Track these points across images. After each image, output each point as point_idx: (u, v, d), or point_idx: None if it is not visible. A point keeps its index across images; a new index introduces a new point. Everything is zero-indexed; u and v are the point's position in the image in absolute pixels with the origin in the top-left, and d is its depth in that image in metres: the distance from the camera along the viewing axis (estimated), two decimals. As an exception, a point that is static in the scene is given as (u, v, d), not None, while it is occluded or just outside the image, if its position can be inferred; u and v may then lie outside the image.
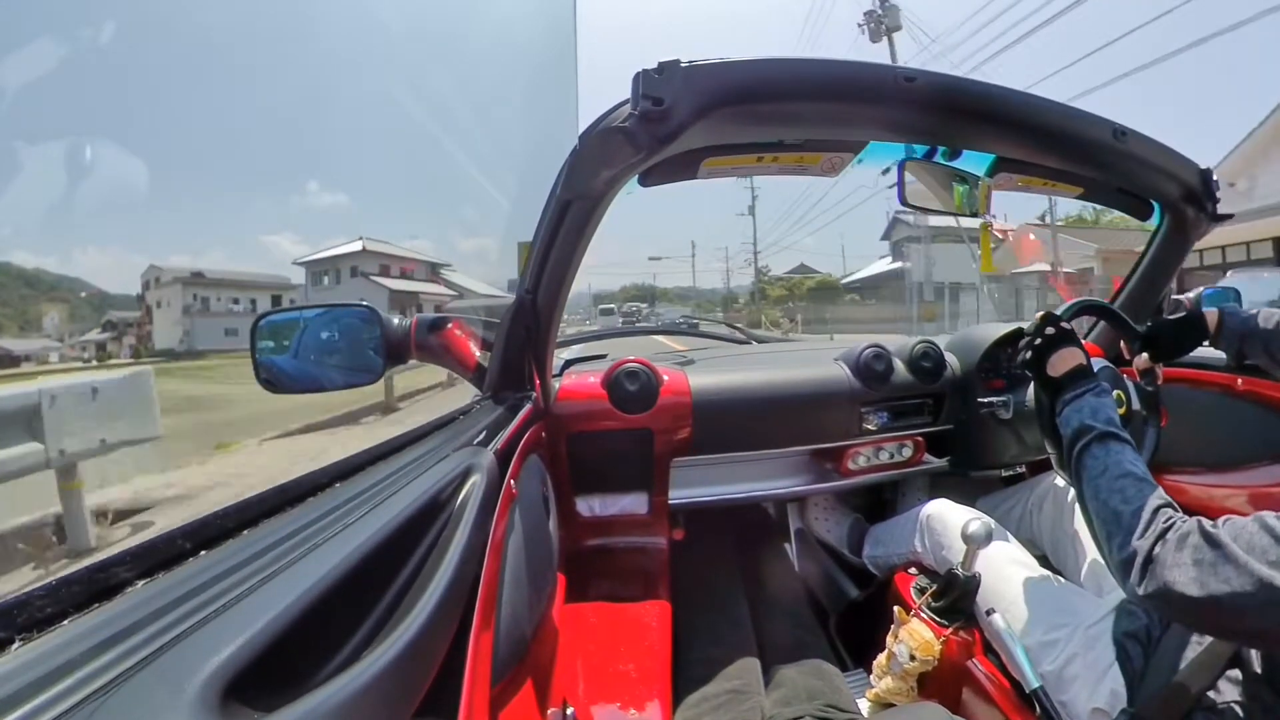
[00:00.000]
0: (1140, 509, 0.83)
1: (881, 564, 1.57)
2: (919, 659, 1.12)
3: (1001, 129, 1.11)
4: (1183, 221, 1.40)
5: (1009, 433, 1.50)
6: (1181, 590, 0.72)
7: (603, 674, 1.06)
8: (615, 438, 1.42)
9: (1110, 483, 0.87)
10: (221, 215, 48.96)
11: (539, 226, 1.11)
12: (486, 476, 0.70)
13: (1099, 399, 0.96)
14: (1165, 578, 0.74)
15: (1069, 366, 1.02)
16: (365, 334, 0.98)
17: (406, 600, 0.48)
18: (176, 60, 51.80)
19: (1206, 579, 0.71)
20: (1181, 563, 0.74)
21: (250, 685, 0.31)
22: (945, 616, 1.15)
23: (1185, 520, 0.79)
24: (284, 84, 73.27)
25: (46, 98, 31.01)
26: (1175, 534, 0.77)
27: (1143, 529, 0.80)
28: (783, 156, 1.09)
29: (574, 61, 16.08)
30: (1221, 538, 0.72)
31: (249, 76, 67.80)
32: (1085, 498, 0.90)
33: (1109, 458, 0.89)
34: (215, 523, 0.45)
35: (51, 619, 0.31)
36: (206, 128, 51.24)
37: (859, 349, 1.57)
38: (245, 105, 63.32)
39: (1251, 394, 1.39)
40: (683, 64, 0.85)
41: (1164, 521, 0.80)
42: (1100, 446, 0.91)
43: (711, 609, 1.36)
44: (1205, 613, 0.72)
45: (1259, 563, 0.68)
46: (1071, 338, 1.06)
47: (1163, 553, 0.76)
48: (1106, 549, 0.86)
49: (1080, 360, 1.02)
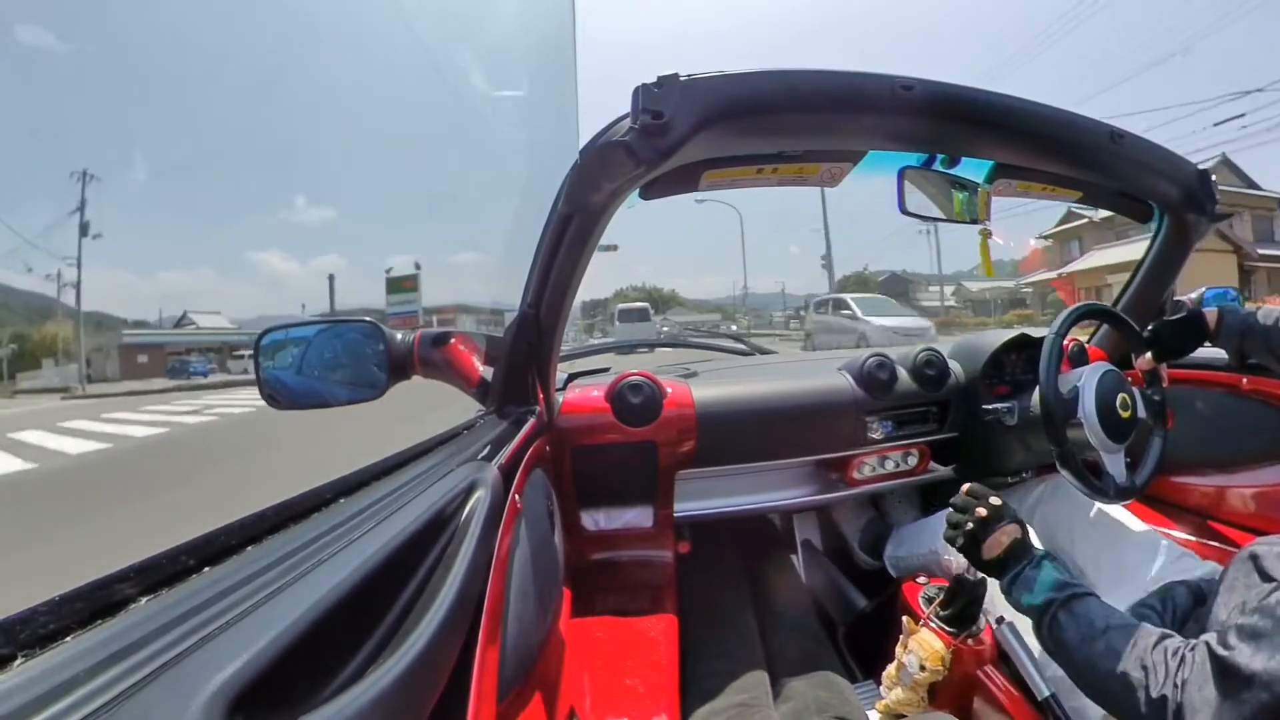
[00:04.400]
0: (1141, 659, 0.76)
1: (901, 566, 1.56)
2: (929, 669, 1.11)
3: (999, 135, 1.11)
4: (1182, 223, 1.40)
5: (1014, 439, 1.50)
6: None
7: (610, 688, 1.05)
8: (619, 451, 1.41)
9: (1095, 645, 0.81)
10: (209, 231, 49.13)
11: (540, 241, 1.12)
12: (491, 491, 0.69)
13: (1037, 570, 0.92)
14: None
15: (1004, 546, 0.97)
16: (369, 349, 0.98)
17: (412, 616, 0.47)
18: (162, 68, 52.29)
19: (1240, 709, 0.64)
20: (1209, 699, 0.67)
21: (255, 702, 0.30)
22: (954, 625, 1.14)
23: (1190, 647, 0.73)
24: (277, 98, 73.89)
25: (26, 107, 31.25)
26: (1190, 668, 0.70)
27: (1158, 679, 0.73)
28: (782, 168, 1.09)
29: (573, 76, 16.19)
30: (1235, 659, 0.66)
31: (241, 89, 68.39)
32: (1081, 673, 0.84)
33: (1079, 621, 0.84)
34: (219, 539, 0.45)
35: (55, 635, 0.31)
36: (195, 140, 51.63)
37: (862, 358, 1.57)
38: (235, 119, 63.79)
39: (1257, 393, 1.38)
40: (681, 78, 0.86)
41: (1173, 657, 0.73)
42: (1066, 614, 0.86)
43: (718, 622, 1.35)
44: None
45: None
46: (1005, 514, 1.00)
47: (1189, 697, 0.69)
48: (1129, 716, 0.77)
49: (1015, 536, 0.97)
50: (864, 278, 46.00)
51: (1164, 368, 1.32)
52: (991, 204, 1.20)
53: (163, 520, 3.72)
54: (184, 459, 7.23)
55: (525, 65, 14.41)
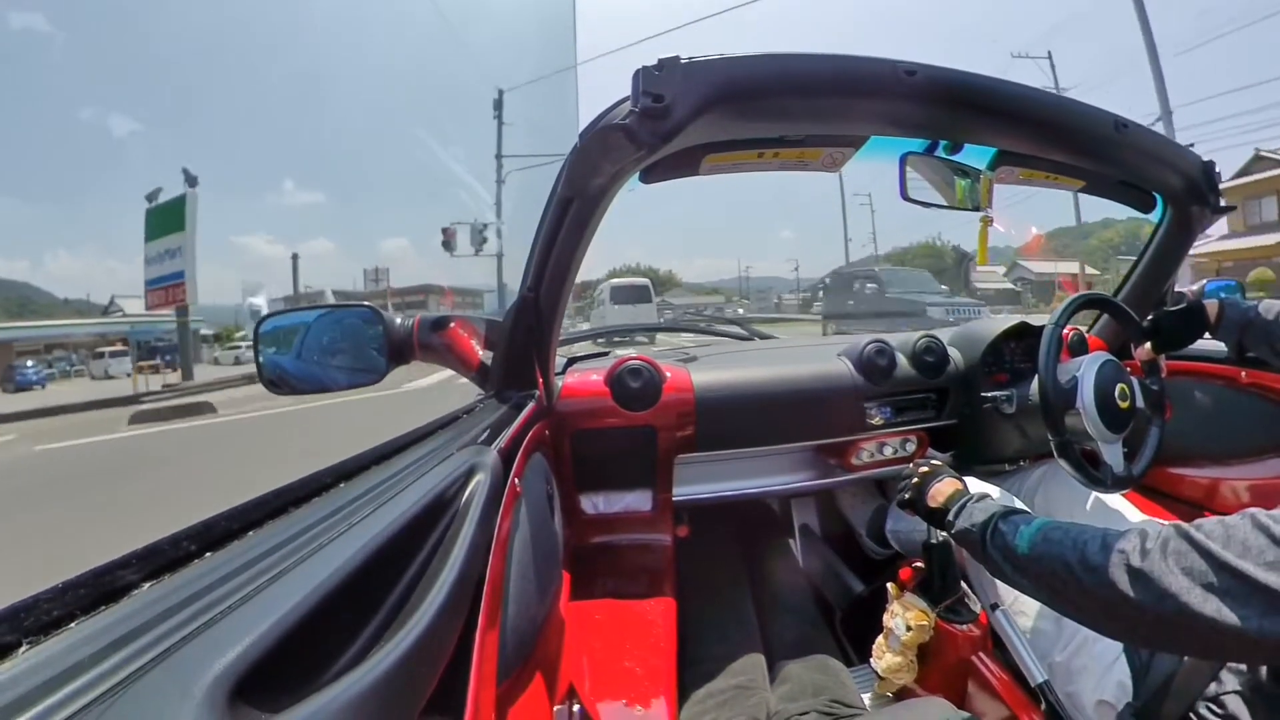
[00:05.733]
0: (1082, 536, 0.75)
1: (903, 539, 1.58)
2: (914, 628, 1.12)
3: (1003, 122, 1.10)
4: (1185, 214, 1.39)
5: (1012, 427, 1.50)
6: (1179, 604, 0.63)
7: (609, 670, 1.06)
8: (619, 435, 1.42)
9: (1038, 537, 0.80)
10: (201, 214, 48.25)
11: (540, 225, 1.11)
12: (490, 475, 0.70)
13: (980, 503, 0.96)
14: (1162, 583, 0.64)
15: (945, 495, 1.03)
16: (368, 334, 0.98)
17: (412, 599, 0.48)
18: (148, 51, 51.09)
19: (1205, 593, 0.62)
20: (1170, 570, 0.64)
21: (258, 685, 0.31)
22: (935, 594, 1.15)
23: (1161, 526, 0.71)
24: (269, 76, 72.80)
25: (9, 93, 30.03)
26: (1154, 540, 0.68)
27: (1109, 543, 0.71)
28: (784, 152, 1.09)
29: (573, 59, 16.06)
30: (1209, 544, 0.63)
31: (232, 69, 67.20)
32: (1021, 569, 0.82)
33: (1019, 526, 0.84)
34: (220, 524, 0.45)
35: (58, 622, 0.31)
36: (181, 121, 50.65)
37: (862, 344, 1.57)
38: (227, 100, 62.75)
39: (1255, 386, 1.38)
40: (683, 60, 0.85)
41: (1136, 535, 0.70)
42: (1006, 523, 0.86)
43: (716, 605, 1.37)
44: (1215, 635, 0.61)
45: (1255, 565, 0.60)
46: (944, 471, 1.10)
47: (1148, 563, 0.66)
48: (1068, 591, 0.75)
49: (956, 487, 1.04)
50: (934, 249, 40.12)
51: (1163, 359, 1.32)
52: (994, 191, 1.19)
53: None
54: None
55: (525, 48, 14.26)
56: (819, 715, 1.05)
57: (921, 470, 1.11)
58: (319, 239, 71.63)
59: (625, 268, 65.16)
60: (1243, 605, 0.59)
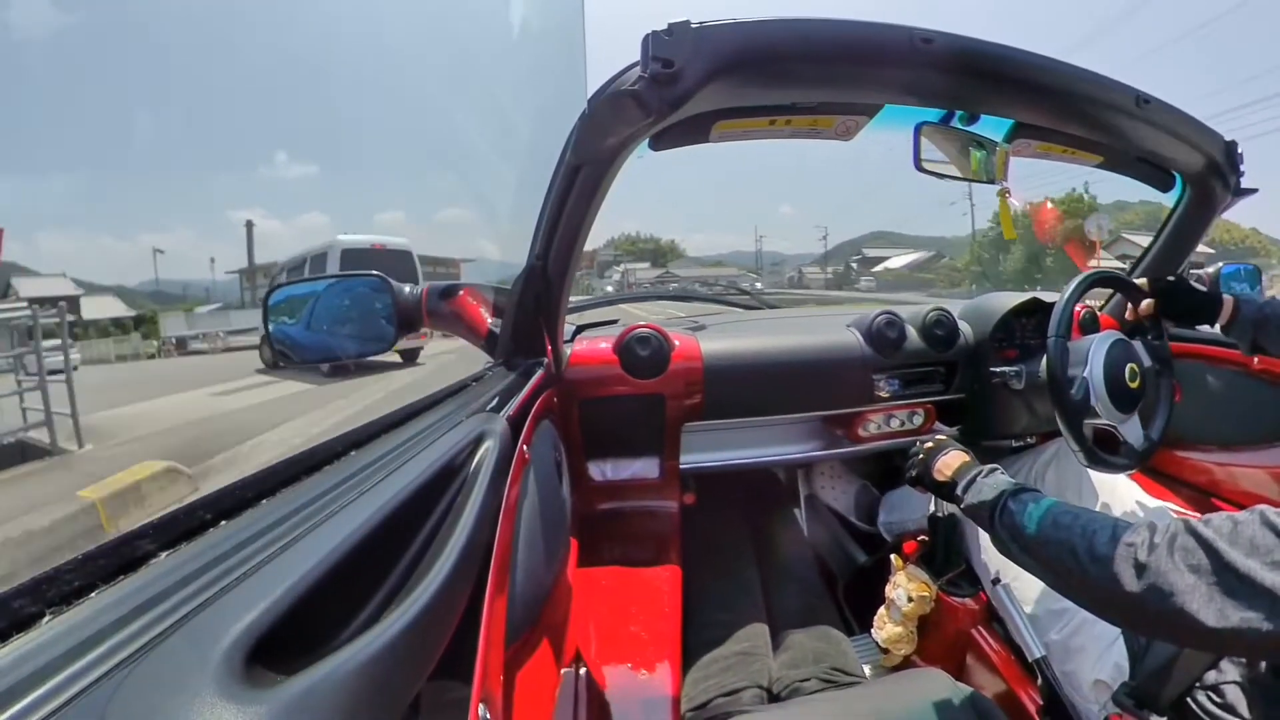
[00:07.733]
0: (1092, 525, 0.74)
1: (896, 530, 1.58)
2: (916, 599, 1.14)
3: (1021, 93, 1.07)
4: (1205, 194, 1.36)
5: (1020, 403, 1.50)
6: (1183, 602, 0.62)
7: (615, 636, 1.09)
8: (627, 403, 1.42)
9: (1046, 520, 0.80)
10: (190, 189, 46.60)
11: (548, 193, 1.10)
12: (499, 442, 0.70)
13: (989, 477, 0.95)
14: (1167, 580, 0.64)
15: (953, 468, 1.03)
16: (377, 303, 0.99)
17: (422, 565, 0.48)
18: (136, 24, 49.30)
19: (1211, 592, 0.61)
20: (1177, 567, 0.64)
21: (273, 649, 0.32)
22: (939, 566, 1.16)
23: (1171, 519, 0.70)
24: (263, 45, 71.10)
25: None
26: (1162, 535, 0.67)
27: (1117, 535, 0.71)
28: (796, 120, 1.07)
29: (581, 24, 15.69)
30: (1216, 542, 0.62)
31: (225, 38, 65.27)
32: (1028, 549, 0.82)
33: (1028, 505, 0.83)
34: (234, 493, 0.46)
35: (79, 592, 0.32)
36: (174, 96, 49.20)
37: (871, 315, 1.56)
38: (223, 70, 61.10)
39: (1267, 373, 1.37)
40: (693, 25, 0.83)
41: (1145, 528, 0.70)
42: (1015, 501, 0.86)
43: (721, 573, 1.38)
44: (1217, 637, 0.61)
45: (1262, 565, 0.59)
46: (949, 444, 1.10)
47: (1154, 558, 0.66)
48: (1072, 578, 0.75)
49: (964, 459, 1.05)
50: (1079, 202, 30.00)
51: (1167, 323, 1.31)
52: (1010, 163, 1.17)
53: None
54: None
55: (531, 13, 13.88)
56: (819, 682, 1.07)
57: (926, 446, 1.12)
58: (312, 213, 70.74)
59: (624, 237, 63.37)
60: (1247, 607, 0.59)
